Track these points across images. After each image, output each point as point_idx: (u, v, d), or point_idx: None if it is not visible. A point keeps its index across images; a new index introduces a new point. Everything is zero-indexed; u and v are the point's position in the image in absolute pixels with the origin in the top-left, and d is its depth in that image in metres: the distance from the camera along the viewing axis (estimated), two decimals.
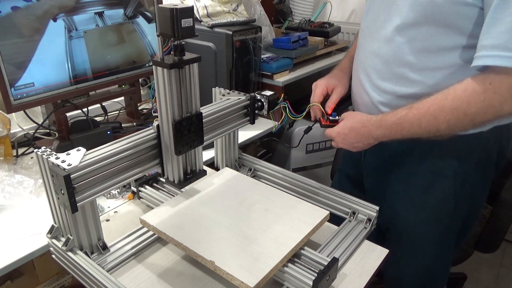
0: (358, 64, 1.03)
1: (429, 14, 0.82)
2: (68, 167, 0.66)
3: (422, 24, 0.84)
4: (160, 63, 0.74)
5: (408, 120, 0.84)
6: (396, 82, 0.92)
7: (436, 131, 0.82)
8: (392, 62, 0.91)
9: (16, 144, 1.28)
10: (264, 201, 0.88)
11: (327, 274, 0.70)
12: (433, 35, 0.84)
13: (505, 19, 0.72)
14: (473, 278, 1.89)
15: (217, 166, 1.10)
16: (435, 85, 0.87)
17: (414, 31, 0.85)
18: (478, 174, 0.95)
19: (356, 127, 0.91)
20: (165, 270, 0.79)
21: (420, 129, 0.83)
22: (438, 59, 0.86)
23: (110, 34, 1.30)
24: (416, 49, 0.87)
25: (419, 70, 0.88)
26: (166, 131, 0.80)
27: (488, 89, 0.75)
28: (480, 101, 0.76)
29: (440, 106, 0.81)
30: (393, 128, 0.86)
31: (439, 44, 0.84)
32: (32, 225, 0.92)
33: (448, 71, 0.86)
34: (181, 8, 0.69)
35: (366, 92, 0.99)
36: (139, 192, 1.00)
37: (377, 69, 0.95)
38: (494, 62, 0.74)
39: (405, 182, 0.99)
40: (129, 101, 1.51)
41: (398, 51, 0.89)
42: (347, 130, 0.92)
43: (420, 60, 0.87)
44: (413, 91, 0.90)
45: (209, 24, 1.42)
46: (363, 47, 1.01)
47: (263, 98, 1.01)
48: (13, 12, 1.06)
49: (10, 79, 1.09)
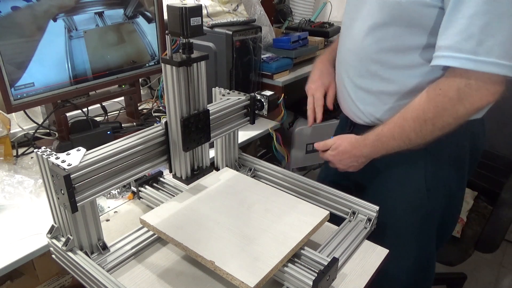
0: (339, 60, 1.07)
1: (396, 14, 0.86)
2: (68, 167, 0.66)
3: (390, 24, 0.87)
4: (169, 61, 0.75)
5: (384, 135, 0.90)
6: (370, 79, 0.97)
7: (409, 141, 0.88)
8: (365, 60, 0.96)
9: (16, 144, 1.28)
10: (264, 201, 0.88)
11: (327, 274, 0.70)
12: (401, 35, 0.87)
13: (458, 21, 0.75)
14: (473, 278, 1.89)
15: (217, 166, 1.10)
16: (405, 83, 0.91)
17: (384, 31, 0.89)
18: (451, 166, 0.99)
19: (348, 149, 0.97)
20: (165, 270, 0.79)
21: (396, 141, 0.89)
22: (406, 58, 0.89)
23: (110, 34, 1.30)
24: (385, 48, 0.91)
25: (390, 68, 0.92)
26: (174, 128, 0.81)
27: (438, 94, 0.81)
28: (433, 107, 0.82)
29: (404, 118, 0.87)
30: (376, 144, 0.93)
31: (405, 44, 0.88)
32: (32, 225, 0.92)
33: (417, 70, 0.89)
34: (190, 7, 0.71)
35: (345, 87, 1.04)
36: (139, 192, 1.00)
37: (353, 66, 1.00)
38: (446, 62, 0.78)
39: (383, 174, 1.04)
40: (129, 101, 1.51)
41: (369, 49, 0.94)
42: (341, 153, 0.98)
43: (388, 59, 0.92)
44: (385, 89, 0.95)
45: (209, 24, 1.42)
46: (342, 44, 1.05)
47: (263, 98, 1.01)
48: (13, 12, 1.06)
49: (10, 79, 1.09)
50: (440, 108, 0.81)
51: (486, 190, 1.52)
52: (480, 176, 1.53)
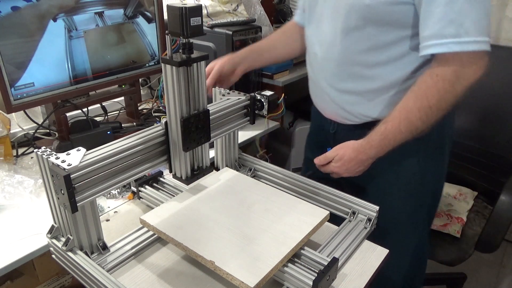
0: (315, 70, 1.08)
1: (367, 17, 0.89)
2: (68, 167, 0.66)
3: (363, 26, 0.90)
4: (169, 61, 0.75)
5: (390, 132, 0.91)
6: (353, 81, 0.99)
7: (416, 130, 0.90)
8: (345, 64, 0.98)
9: (16, 144, 1.28)
10: (264, 201, 0.88)
11: (327, 274, 0.70)
12: (376, 34, 0.91)
13: (435, 10, 0.81)
14: (473, 278, 1.89)
15: (217, 166, 1.10)
16: (389, 76, 0.95)
17: (357, 33, 0.92)
18: (437, 151, 1.05)
19: (353, 156, 0.96)
20: (165, 270, 0.79)
21: (403, 134, 0.91)
22: (386, 53, 0.93)
23: (110, 34, 1.30)
24: (363, 49, 0.94)
25: (371, 66, 0.95)
26: (174, 128, 0.81)
27: (438, 80, 0.85)
28: (436, 92, 0.86)
29: (408, 110, 0.89)
30: (382, 143, 0.93)
31: (383, 41, 0.91)
32: (32, 225, 0.92)
33: (398, 63, 0.93)
34: (190, 7, 0.71)
35: (327, 94, 1.05)
36: (139, 192, 1.00)
37: (333, 73, 1.01)
38: (434, 50, 0.84)
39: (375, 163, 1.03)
40: (129, 101, 1.51)
41: (347, 53, 0.96)
42: (347, 162, 0.97)
43: (369, 58, 0.94)
44: (370, 86, 0.97)
45: (209, 24, 1.42)
46: (313, 55, 1.07)
47: (263, 98, 1.01)
48: (13, 12, 1.06)
49: (10, 79, 1.10)
50: (442, 92, 0.85)
51: (486, 190, 1.52)
52: (480, 176, 1.53)
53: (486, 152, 1.49)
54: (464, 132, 1.53)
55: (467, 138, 1.53)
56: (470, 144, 1.52)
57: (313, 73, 1.10)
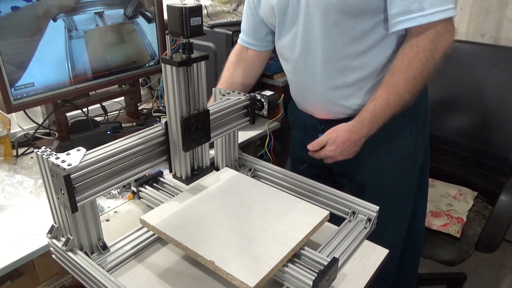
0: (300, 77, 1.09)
1: (345, 10, 0.93)
2: (68, 167, 0.66)
3: (343, 20, 0.94)
4: (169, 61, 0.75)
5: (380, 108, 0.95)
6: (343, 74, 1.01)
7: (404, 102, 0.95)
8: (331, 60, 1.00)
9: (16, 144, 1.28)
10: (264, 201, 0.88)
11: (327, 274, 0.70)
12: (354, 25, 0.94)
13: None
14: (473, 278, 1.89)
15: (217, 166, 1.10)
16: (375, 61, 0.99)
17: (338, 28, 0.95)
18: (424, 125, 1.11)
19: (348, 137, 0.98)
20: (165, 270, 0.79)
21: (392, 109, 0.95)
22: (367, 41, 0.97)
23: (110, 34, 1.30)
24: (345, 42, 0.97)
25: (356, 56, 0.99)
26: (174, 128, 0.81)
27: (418, 51, 0.91)
28: (418, 62, 0.91)
29: (394, 84, 0.93)
30: (373, 120, 0.96)
31: (362, 30, 0.95)
32: (32, 225, 0.92)
33: (380, 46, 0.98)
34: (190, 7, 0.71)
35: (320, 96, 1.06)
36: (139, 192, 1.00)
37: (322, 72, 1.03)
38: (405, 25, 0.90)
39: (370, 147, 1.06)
40: (129, 101, 1.51)
41: (331, 50, 0.99)
42: (341, 144, 0.99)
43: (353, 48, 0.98)
44: (360, 75, 1.01)
45: (209, 24, 1.42)
46: (295, 62, 1.07)
47: (263, 98, 1.01)
48: (13, 12, 1.06)
49: (10, 79, 1.10)
50: (424, 61, 0.91)
51: (486, 190, 1.52)
52: (480, 176, 1.53)
53: (486, 152, 1.49)
54: (464, 132, 1.53)
55: (467, 138, 1.53)
56: (470, 144, 1.52)
57: (298, 80, 1.10)
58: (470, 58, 1.48)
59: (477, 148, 1.51)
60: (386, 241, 0.87)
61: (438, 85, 1.54)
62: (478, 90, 1.49)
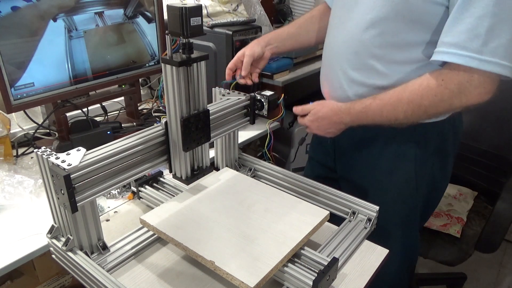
0: (331, 52, 1.06)
1: (400, 10, 0.86)
2: (68, 167, 0.66)
3: (393, 19, 0.88)
4: (169, 61, 0.75)
5: (372, 109, 0.91)
6: (365, 73, 0.97)
7: (395, 119, 0.90)
8: (362, 54, 0.95)
9: (16, 144, 1.28)
10: (264, 201, 0.88)
11: (327, 274, 0.70)
12: (401, 31, 0.88)
13: (465, 20, 0.78)
14: (473, 278, 1.89)
15: (217, 166, 1.10)
16: (401, 78, 0.92)
17: (385, 25, 0.89)
18: (436, 157, 1.02)
19: (329, 115, 0.97)
20: (165, 270, 0.79)
21: (382, 118, 0.91)
22: (405, 54, 0.90)
23: (110, 34, 1.30)
24: (385, 43, 0.91)
25: (387, 63, 0.93)
26: (174, 128, 0.81)
27: (440, 85, 0.83)
28: (432, 95, 0.84)
29: (399, 98, 0.88)
30: (359, 115, 0.94)
31: (407, 39, 0.89)
32: (32, 225, 0.92)
33: (414, 66, 0.91)
34: (190, 7, 0.71)
35: (338, 79, 1.03)
36: (139, 192, 1.00)
37: (348, 59, 0.99)
38: (449, 58, 0.80)
39: (372, 165, 1.06)
40: (129, 101, 1.51)
41: (368, 43, 0.93)
42: (320, 119, 0.98)
43: (387, 54, 0.92)
44: (380, 83, 0.95)
45: (209, 24, 1.42)
46: (333, 36, 1.04)
47: (263, 98, 1.01)
48: (13, 12, 1.06)
49: (10, 79, 1.09)
50: (438, 98, 0.84)
51: (486, 190, 1.52)
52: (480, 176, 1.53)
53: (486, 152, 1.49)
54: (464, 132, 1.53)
55: (467, 138, 1.53)
56: (470, 144, 1.52)
57: (328, 55, 1.07)
58: None
59: (477, 148, 1.51)
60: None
61: None
62: None
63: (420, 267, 1.66)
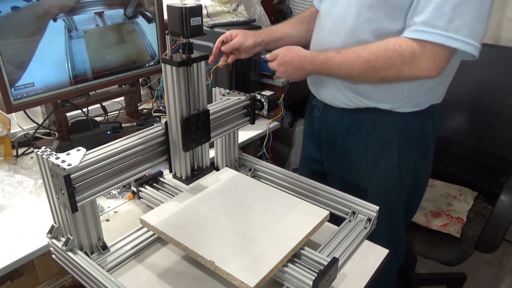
0: (318, 44, 1.09)
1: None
2: (68, 167, 0.66)
3: (376, 7, 0.92)
4: (169, 61, 0.76)
5: (333, 61, 0.95)
6: None
7: (350, 76, 0.95)
8: (350, 43, 0.97)
9: (16, 144, 1.28)
10: (264, 201, 0.88)
11: (327, 274, 0.70)
12: (384, 19, 0.92)
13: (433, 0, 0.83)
14: (473, 278, 1.89)
15: (217, 166, 1.10)
16: None
17: (369, 13, 0.93)
18: (418, 147, 1.06)
19: (294, 61, 1.00)
20: (165, 270, 0.79)
21: (340, 72, 0.95)
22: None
23: (110, 34, 1.30)
24: (371, 31, 0.94)
25: None
26: (174, 128, 0.81)
27: (396, 49, 0.88)
28: (387, 58, 0.89)
29: (358, 55, 0.92)
30: (321, 66, 0.97)
31: (389, 27, 0.92)
32: (32, 225, 0.92)
33: None
34: (190, 7, 0.71)
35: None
36: (139, 192, 1.00)
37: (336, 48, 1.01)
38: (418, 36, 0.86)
39: (357, 155, 1.09)
40: (129, 101, 1.51)
41: (355, 32, 0.97)
42: (286, 64, 1.01)
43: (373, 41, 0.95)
44: None
45: (209, 24, 1.42)
46: (320, 29, 1.07)
47: (263, 98, 1.01)
48: (13, 12, 1.06)
49: (10, 79, 1.09)
50: (391, 62, 0.88)
51: (486, 190, 1.52)
52: (480, 176, 1.53)
53: (486, 152, 1.49)
54: (465, 132, 1.53)
55: (467, 138, 1.53)
56: (470, 144, 1.52)
57: (315, 45, 1.10)
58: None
59: (477, 148, 1.51)
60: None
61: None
62: (478, 90, 1.49)
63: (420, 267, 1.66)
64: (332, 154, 1.16)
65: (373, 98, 1.01)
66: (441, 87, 1.03)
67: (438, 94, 1.03)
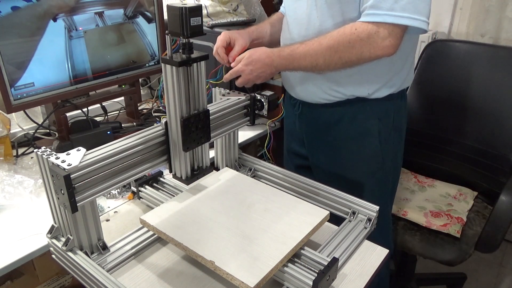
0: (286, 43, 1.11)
1: None
2: (68, 167, 0.66)
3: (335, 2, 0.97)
4: (169, 61, 0.76)
5: (298, 53, 0.98)
6: None
7: (316, 64, 0.97)
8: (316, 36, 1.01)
9: (16, 144, 1.28)
10: (264, 201, 0.88)
11: (327, 274, 0.70)
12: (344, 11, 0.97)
13: None
14: (473, 278, 1.89)
15: (217, 166, 1.10)
16: None
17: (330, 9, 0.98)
18: (395, 133, 1.13)
19: (262, 58, 1.01)
20: (165, 270, 0.79)
21: (306, 63, 0.98)
22: None
23: (110, 34, 1.30)
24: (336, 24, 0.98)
25: None
26: (174, 128, 0.81)
27: (353, 33, 0.93)
28: (346, 42, 0.93)
29: (320, 43, 0.96)
30: (288, 58, 0.99)
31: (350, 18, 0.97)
32: (32, 225, 0.92)
33: None
34: (190, 7, 0.71)
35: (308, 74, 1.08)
36: (139, 192, 1.00)
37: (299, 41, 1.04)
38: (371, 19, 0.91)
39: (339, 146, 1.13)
40: (129, 101, 1.51)
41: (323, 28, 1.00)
42: (254, 62, 1.01)
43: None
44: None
45: (209, 24, 1.42)
46: (289, 34, 1.11)
47: (263, 98, 1.01)
48: (13, 12, 1.06)
49: (10, 79, 1.10)
50: (350, 45, 0.93)
51: (486, 190, 1.52)
52: (480, 176, 1.53)
53: (486, 152, 1.49)
54: (465, 132, 1.53)
55: (467, 138, 1.53)
56: (470, 144, 1.52)
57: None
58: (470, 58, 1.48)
59: (477, 148, 1.51)
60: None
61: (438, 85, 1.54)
62: (478, 90, 1.49)
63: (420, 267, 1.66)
64: (316, 148, 1.20)
65: (351, 85, 1.04)
66: (407, 67, 1.08)
67: (407, 74, 1.09)
